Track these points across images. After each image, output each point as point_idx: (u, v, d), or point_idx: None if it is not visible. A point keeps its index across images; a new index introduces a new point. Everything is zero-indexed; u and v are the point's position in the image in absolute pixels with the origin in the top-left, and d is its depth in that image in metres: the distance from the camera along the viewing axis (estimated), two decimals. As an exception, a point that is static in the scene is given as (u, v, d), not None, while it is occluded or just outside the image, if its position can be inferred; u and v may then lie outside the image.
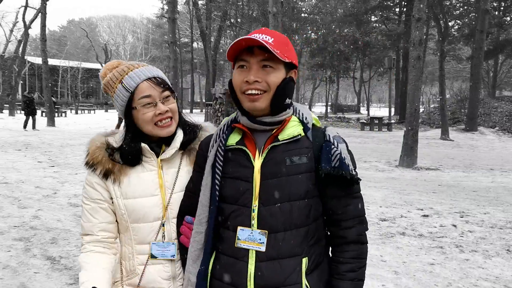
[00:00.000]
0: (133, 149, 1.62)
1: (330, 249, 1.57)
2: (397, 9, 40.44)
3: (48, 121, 24.18)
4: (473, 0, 31.26)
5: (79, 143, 14.73)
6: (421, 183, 9.49)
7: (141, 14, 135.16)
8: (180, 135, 1.68)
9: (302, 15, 41.97)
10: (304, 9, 43.05)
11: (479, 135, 22.32)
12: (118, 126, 11.35)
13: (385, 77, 47.48)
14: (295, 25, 39.15)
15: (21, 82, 46.14)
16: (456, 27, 34.77)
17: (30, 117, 20.97)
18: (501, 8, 33.84)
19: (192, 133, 1.73)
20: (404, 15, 36.64)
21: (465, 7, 33.55)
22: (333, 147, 1.44)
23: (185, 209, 1.63)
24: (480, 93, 25.90)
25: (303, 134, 1.48)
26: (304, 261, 1.44)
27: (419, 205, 7.18)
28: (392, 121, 29.54)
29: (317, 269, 1.48)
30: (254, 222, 1.43)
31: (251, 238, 1.42)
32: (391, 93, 33.73)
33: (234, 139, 1.52)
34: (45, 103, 25.00)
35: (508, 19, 33.17)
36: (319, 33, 40.38)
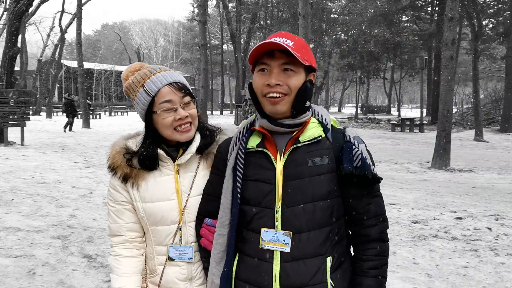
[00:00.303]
0: (150, 154, 1.64)
1: (351, 248, 1.59)
2: (429, 9, 39.59)
3: (84, 123, 24.91)
4: (508, -2, 30.33)
5: (112, 145, 15.07)
6: (454, 185, 9.30)
7: (172, 17, 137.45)
8: (197, 140, 1.69)
9: (332, 16, 41.63)
10: (333, 10, 42.70)
11: (515, 136, 21.66)
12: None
13: (416, 77, 46.61)
14: (324, 26, 38.91)
15: (58, 85, 47.59)
16: (490, 25, 33.68)
17: (70, 118, 21.69)
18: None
19: (210, 137, 1.74)
20: (436, 15, 35.86)
21: (499, 5, 32.53)
22: (354, 147, 1.47)
23: (204, 212, 1.65)
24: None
25: (323, 135, 1.50)
26: (328, 260, 1.46)
27: (452, 207, 7.05)
28: (424, 122, 29.01)
29: (340, 268, 1.50)
30: (278, 223, 1.44)
31: (275, 239, 1.44)
32: (423, 94, 33.10)
33: (254, 142, 1.53)
34: (80, 106, 25.77)
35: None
36: (349, 34, 40.01)
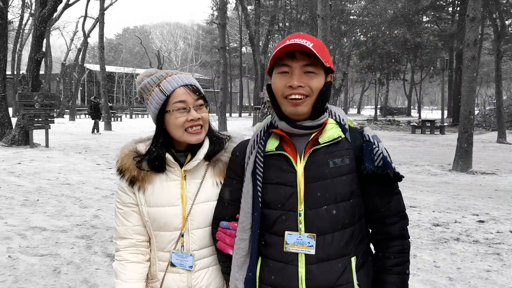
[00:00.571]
0: (160, 155, 1.64)
1: (371, 246, 1.60)
2: (450, 9, 39.06)
3: (105, 125, 25.30)
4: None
5: (133, 147, 15.29)
6: (476, 188, 9.16)
7: (192, 20, 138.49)
8: (205, 146, 1.68)
9: (351, 17, 41.36)
10: (353, 11, 42.44)
11: (540, 138, 21.16)
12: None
13: (437, 78, 45.95)
14: (343, 27, 38.69)
15: (80, 88, 48.46)
16: (514, 25, 33.09)
17: (96, 120, 22.07)
18: None
19: (218, 144, 1.72)
20: (457, 15, 35.33)
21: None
22: (374, 146, 1.46)
23: (220, 216, 1.63)
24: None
25: (343, 135, 1.50)
26: (353, 260, 1.46)
27: (474, 210, 6.96)
28: (445, 124, 28.57)
29: (363, 266, 1.50)
30: (301, 226, 1.43)
31: (299, 242, 1.43)
32: (444, 95, 32.62)
33: (272, 144, 1.52)
34: (103, 108, 26.22)
35: None
36: (368, 35, 39.69)
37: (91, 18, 39.45)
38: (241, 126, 30.89)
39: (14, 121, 15.69)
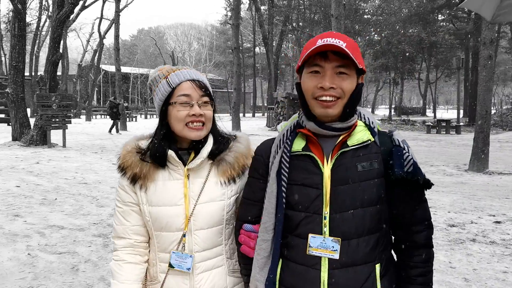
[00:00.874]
0: (162, 147, 1.61)
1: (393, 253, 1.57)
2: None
3: (121, 126, 25.56)
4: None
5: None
6: (493, 188, 9.05)
7: (205, 21, 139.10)
8: (209, 145, 1.65)
9: (365, 16, 41.14)
10: (367, 10, 42.20)
11: (560, 138, 20.79)
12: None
13: (453, 78, 45.47)
14: (357, 27, 38.48)
15: (96, 89, 49.04)
16: (533, 23, 32.59)
17: (116, 120, 22.31)
18: None
19: (223, 144, 1.69)
20: (473, 13, 34.88)
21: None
22: (404, 152, 1.42)
23: (244, 218, 1.60)
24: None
25: (372, 139, 1.46)
26: (378, 267, 1.42)
27: (490, 211, 6.88)
28: (461, 124, 28.23)
29: (387, 274, 1.47)
30: (326, 229, 1.40)
31: (323, 246, 1.40)
32: (459, 95, 32.24)
33: (299, 145, 1.48)
34: (122, 108, 26.50)
35: None
36: (382, 34, 39.42)
37: (106, 19, 39.92)
38: (255, 126, 30.94)
39: (32, 121, 15.92)
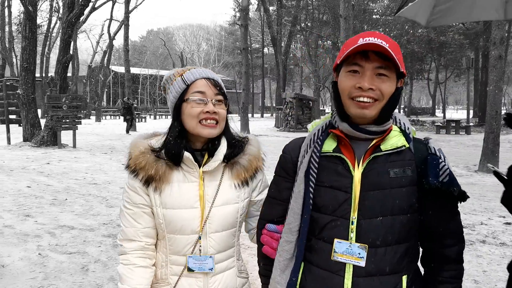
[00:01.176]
0: (177, 145, 1.60)
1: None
2: (477, 6, 38.23)
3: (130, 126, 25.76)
4: None
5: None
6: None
7: (214, 22, 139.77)
8: (223, 147, 1.64)
9: (374, 16, 40.99)
10: (375, 10, 42.05)
11: None
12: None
13: (463, 78, 45.13)
14: (366, 27, 38.36)
15: (106, 90, 49.39)
16: (544, 22, 32.20)
17: (129, 121, 22.42)
18: None
19: (238, 147, 1.68)
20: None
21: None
22: (440, 161, 1.37)
23: (267, 216, 1.57)
24: None
25: (407, 145, 1.40)
26: (404, 279, 1.36)
27: (500, 212, 6.82)
28: (471, 124, 28.00)
29: (413, 287, 1.41)
30: (352, 235, 1.35)
31: (349, 252, 1.35)
32: (469, 95, 32.01)
33: (329, 145, 1.43)
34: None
35: None
36: (391, 34, 39.24)
37: (116, 21, 40.26)
38: (263, 127, 30.91)
39: (43, 122, 16.06)
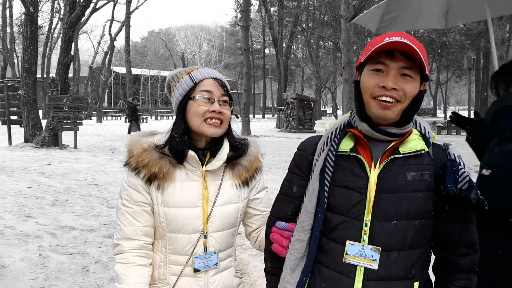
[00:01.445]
0: (182, 142, 1.59)
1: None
2: (478, 7, 38.19)
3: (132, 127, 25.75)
4: None
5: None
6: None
7: (215, 22, 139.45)
8: (226, 147, 1.65)
9: (375, 17, 40.99)
10: (377, 11, 42.03)
11: None
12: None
13: (464, 78, 45.08)
14: (366, 28, 38.38)
15: (107, 90, 49.45)
16: (545, 23, 32.20)
17: (134, 122, 22.40)
18: None
19: (241, 150, 1.71)
20: (485, 13, 34.55)
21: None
22: (460, 167, 1.33)
23: (278, 214, 1.55)
24: None
25: (426, 149, 1.37)
26: (416, 285, 1.34)
27: (499, 213, 6.83)
28: (473, 125, 27.90)
29: None
30: (365, 237, 1.33)
31: (361, 254, 1.32)
32: (470, 95, 31.97)
33: (346, 145, 1.41)
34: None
35: None
36: (392, 34, 39.20)
37: (117, 21, 40.33)
38: (265, 127, 30.87)
39: (44, 123, 16.05)
